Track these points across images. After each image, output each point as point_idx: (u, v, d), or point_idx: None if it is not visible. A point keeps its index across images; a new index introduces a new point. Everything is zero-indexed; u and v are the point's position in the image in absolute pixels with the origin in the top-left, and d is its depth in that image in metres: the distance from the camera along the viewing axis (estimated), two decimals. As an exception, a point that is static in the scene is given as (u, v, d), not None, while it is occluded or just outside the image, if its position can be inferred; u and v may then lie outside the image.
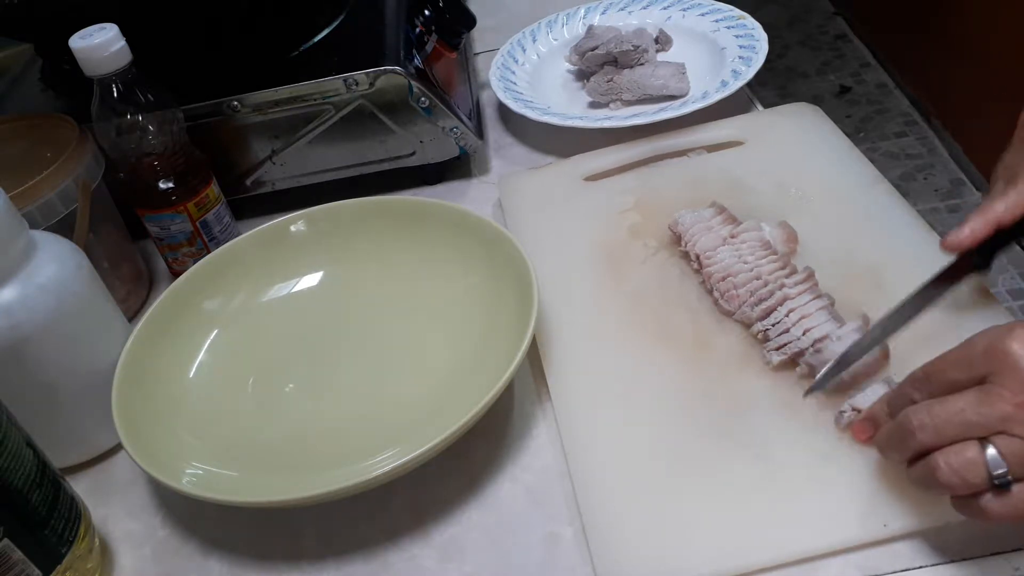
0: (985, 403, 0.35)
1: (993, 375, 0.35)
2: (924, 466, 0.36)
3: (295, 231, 0.59)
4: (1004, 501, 0.34)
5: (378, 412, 0.50)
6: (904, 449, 0.37)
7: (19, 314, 0.44)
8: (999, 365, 0.35)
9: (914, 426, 0.36)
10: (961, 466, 0.35)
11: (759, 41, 0.71)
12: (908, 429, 0.36)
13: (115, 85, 0.54)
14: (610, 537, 0.41)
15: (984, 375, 0.35)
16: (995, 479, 0.34)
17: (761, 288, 0.49)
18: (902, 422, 0.37)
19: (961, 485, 0.35)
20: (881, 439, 0.39)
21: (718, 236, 0.53)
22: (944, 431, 0.35)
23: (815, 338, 0.46)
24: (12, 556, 0.39)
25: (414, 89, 0.62)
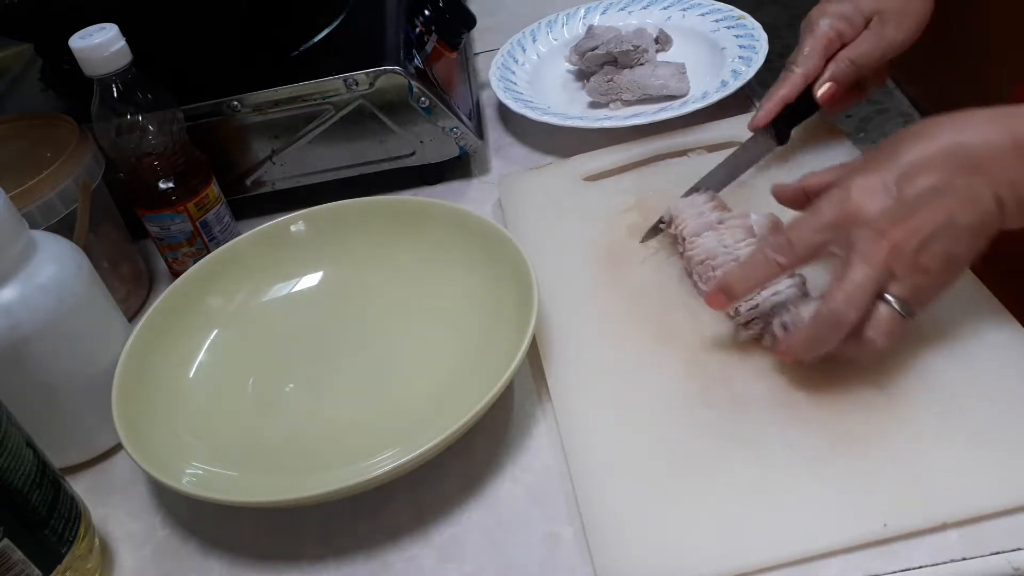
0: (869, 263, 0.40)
1: (851, 232, 0.40)
2: (858, 346, 0.42)
3: (295, 231, 0.59)
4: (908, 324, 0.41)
5: (378, 412, 0.50)
6: (839, 333, 0.41)
7: (19, 314, 0.44)
8: (854, 224, 0.40)
9: (839, 311, 0.40)
10: (886, 327, 0.41)
11: (759, 41, 0.71)
12: (834, 316, 0.41)
13: (115, 85, 0.54)
14: (610, 537, 0.41)
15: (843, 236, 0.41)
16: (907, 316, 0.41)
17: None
18: (823, 315, 0.41)
19: (892, 338, 0.41)
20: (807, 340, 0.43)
21: (706, 222, 0.54)
22: (861, 303, 0.40)
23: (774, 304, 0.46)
24: (12, 556, 0.39)
25: (414, 89, 0.62)
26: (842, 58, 0.53)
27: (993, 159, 0.40)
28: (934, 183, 0.40)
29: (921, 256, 0.40)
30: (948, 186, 0.40)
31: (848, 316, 0.41)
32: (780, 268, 0.43)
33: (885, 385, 0.45)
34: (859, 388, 0.45)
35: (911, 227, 0.40)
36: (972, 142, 0.40)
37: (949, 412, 0.43)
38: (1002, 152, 0.40)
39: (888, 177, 0.41)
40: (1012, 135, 0.40)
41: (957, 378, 0.44)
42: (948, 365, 0.45)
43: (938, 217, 0.40)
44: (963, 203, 0.40)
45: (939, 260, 0.40)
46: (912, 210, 0.40)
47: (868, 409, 0.44)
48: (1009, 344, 0.46)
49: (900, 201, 0.40)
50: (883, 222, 0.40)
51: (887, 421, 0.43)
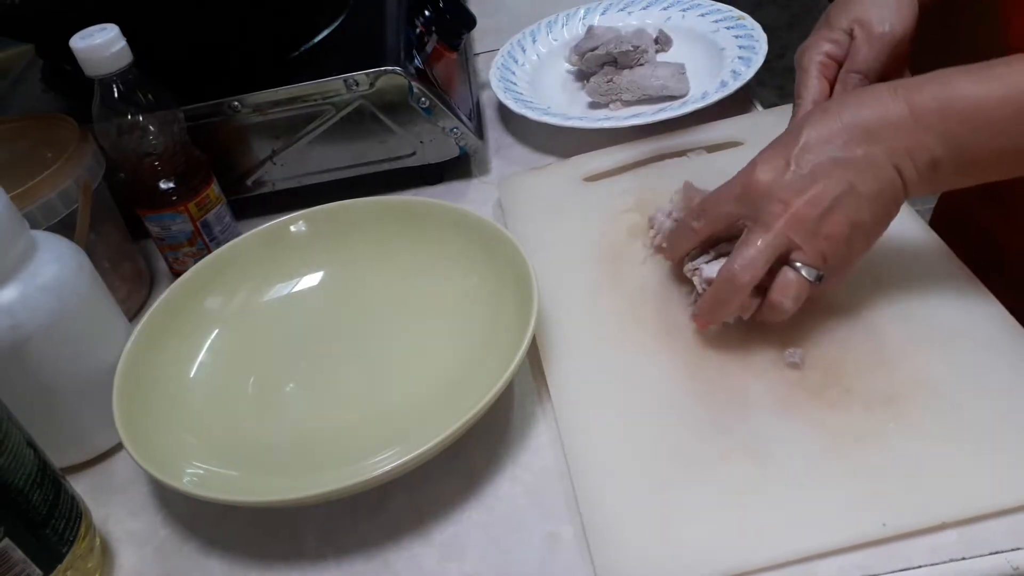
0: (767, 231, 0.43)
1: (757, 205, 0.44)
2: (768, 309, 0.45)
3: (295, 231, 0.59)
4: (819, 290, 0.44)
5: (378, 412, 0.50)
6: (737, 294, 0.45)
7: (20, 314, 0.44)
8: (756, 195, 0.44)
9: (734, 273, 0.44)
10: (791, 291, 0.44)
11: (759, 41, 0.72)
12: (730, 278, 0.44)
13: (116, 85, 0.54)
14: (610, 537, 0.41)
15: (749, 207, 0.44)
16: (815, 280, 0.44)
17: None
18: (721, 277, 0.45)
19: (797, 301, 0.44)
20: (710, 301, 0.46)
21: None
22: (756, 265, 0.44)
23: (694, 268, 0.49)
24: (13, 556, 0.39)
25: (414, 89, 0.62)
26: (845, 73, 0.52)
27: (891, 129, 0.42)
28: (833, 155, 0.43)
29: (824, 224, 0.43)
30: (847, 157, 0.42)
31: (742, 278, 0.44)
32: (695, 233, 0.48)
33: (883, 386, 0.45)
34: (859, 388, 0.45)
35: (811, 196, 0.43)
36: (870, 115, 0.42)
37: (948, 412, 0.43)
38: (899, 121, 0.42)
39: (790, 151, 0.44)
40: (909, 104, 0.42)
41: (956, 378, 0.44)
42: (947, 365, 0.45)
43: (838, 186, 0.42)
44: (862, 171, 0.42)
45: (843, 226, 0.43)
46: (812, 180, 0.43)
47: (867, 409, 0.44)
48: (1008, 343, 0.46)
49: (800, 173, 0.43)
50: (784, 193, 0.43)
51: (886, 421, 0.43)
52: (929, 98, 0.42)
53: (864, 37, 0.52)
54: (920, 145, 0.42)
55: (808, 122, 0.44)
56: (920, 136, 0.42)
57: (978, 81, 0.41)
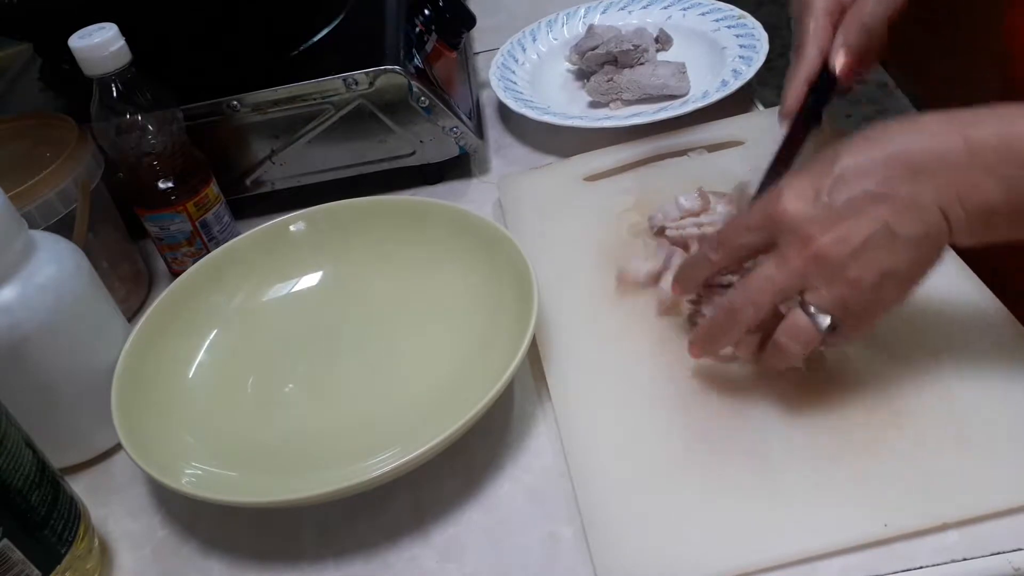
0: (782, 267, 0.39)
1: (777, 235, 0.39)
2: (771, 352, 0.41)
3: (295, 231, 0.59)
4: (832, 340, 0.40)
5: (378, 412, 0.50)
6: (735, 328, 0.41)
7: (18, 314, 0.44)
8: (778, 228, 0.39)
9: (736, 305, 0.40)
10: (799, 336, 0.39)
11: (759, 40, 0.71)
12: (730, 310, 0.40)
13: (114, 85, 0.53)
14: (610, 537, 0.41)
15: (771, 238, 0.39)
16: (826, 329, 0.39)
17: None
18: (723, 308, 0.41)
19: (806, 348, 0.40)
20: (706, 330, 0.42)
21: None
22: (761, 302, 0.39)
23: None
24: (11, 556, 0.39)
25: (414, 89, 0.62)
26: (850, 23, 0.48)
27: (941, 166, 0.37)
28: (870, 189, 0.37)
29: (850, 267, 0.37)
30: (886, 193, 0.37)
31: (745, 312, 0.40)
32: (712, 264, 0.43)
33: (885, 386, 0.45)
34: (860, 389, 0.45)
35: (839, 235, 0.37)
36: (919, 147, 0.37)
37: (949, 412, 0.43)
38: (953, 158, 0.36)
39: (823, 181, 0.38)
40: (966, 140, 0.36)
41: (957, 378, 0.44)
42: (948, 365, 0.45)
43: (872, 225, 0.37)
44: (902, 212, 0.37)
45: (872, 272, 0.37)
46: (842, 217, 0.37)
47: (868, 410, 0.44)
48: (1009, 343, 0.46)
49: (830, 207, 0.38)
50: (810, 226, 0.38)
51: (887, 421, 0.43)
52: (990, 134, 0.36)
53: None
54: (974, 187, 0.36)
55: (846, 149, 0.39)
56: (976, 177, 0.36)
57: None
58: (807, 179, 0.39)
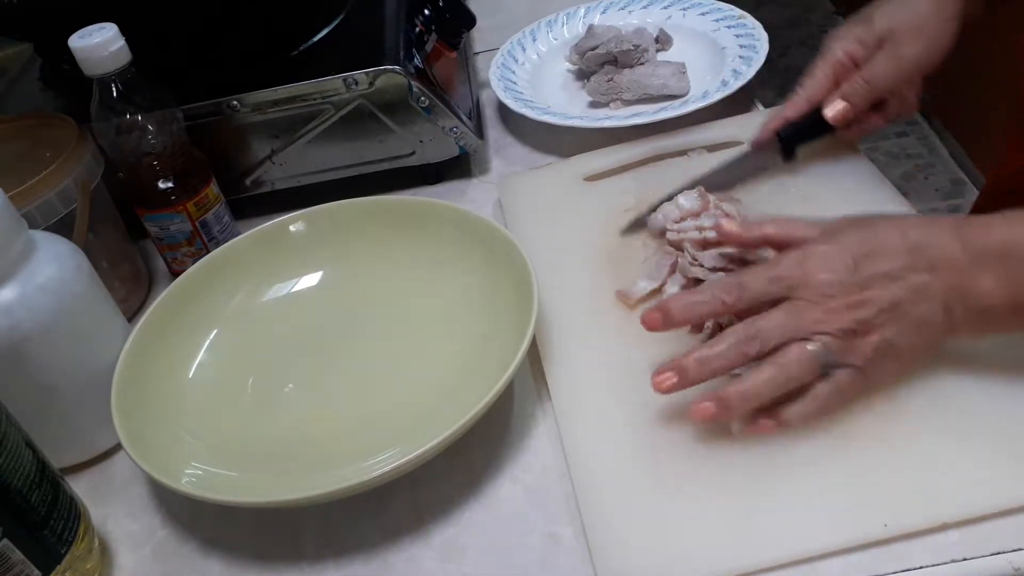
0: (797, 314, 0.41)
1: (796, 289, 0.42)
2: (771, 367, 0.41)
3: (295, 231, 0.59)
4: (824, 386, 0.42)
5: (378, 412, 0.50)
6: (740, 357, 0.42)
7: (19, 314, 0.44)
8: (800, 281, 0.42)
9: (748, 337, 0.42)
10: (799, 361, 0.41)
11: (759, 41, 0.71)
12: (743, 340, 0.42)
13: (114, 85, 0.53)
14: (610, 537, 0.41)
15: (788, 288, 0.42)
16: (823, 368, 0.41)
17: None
18: (735, 337, 0.42)
19: (798, 378, 0.41)
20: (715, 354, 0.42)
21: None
22: (769, 338, 0.41)
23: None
24: (11, 556, 0.39)
25: (414, 89, 0.62)
26: (855, 78, 0.53)
27: (948, 265, 0.40)
28: (890, 270, 0.41)
29: (859, 329, 0.41)
30: (903, 276, 0.41)
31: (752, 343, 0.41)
32: (723, 306, 0.43)
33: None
34: (859, 388, 0.45)
35: (855, 300, 0.41)
36: (934, 244, 0.41)
37: (950, 412, 0.43)
38: (956, 260, 0.40)
39: (851, 253, 0.42)
40: (963, 245, 0.40)
41: (957, 378, 0.44)
42: (948, 365, 0.45)
43: (884, 299, 0.41)
44: (912, 295, 0.41)
45: (876, 338, 0.41)
46: (861, 287, 0.41)
47: (868, 409, 0.44)
48: (1009, 343, 0.45)
49: (853, 278, 0.41)
50: (830, 290, 0.41)
51: (887, 421, 0.43)
52: (993, 240, 0.40)
53: (890, 51, 0.52)
54: (974, 286, 0.40)
55: (876, 225, 0.43)
56: (975, 277, 0.40)
57: None
58: (836, 247, 0.42)
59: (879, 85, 0.52)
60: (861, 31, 0.54)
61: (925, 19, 0.52)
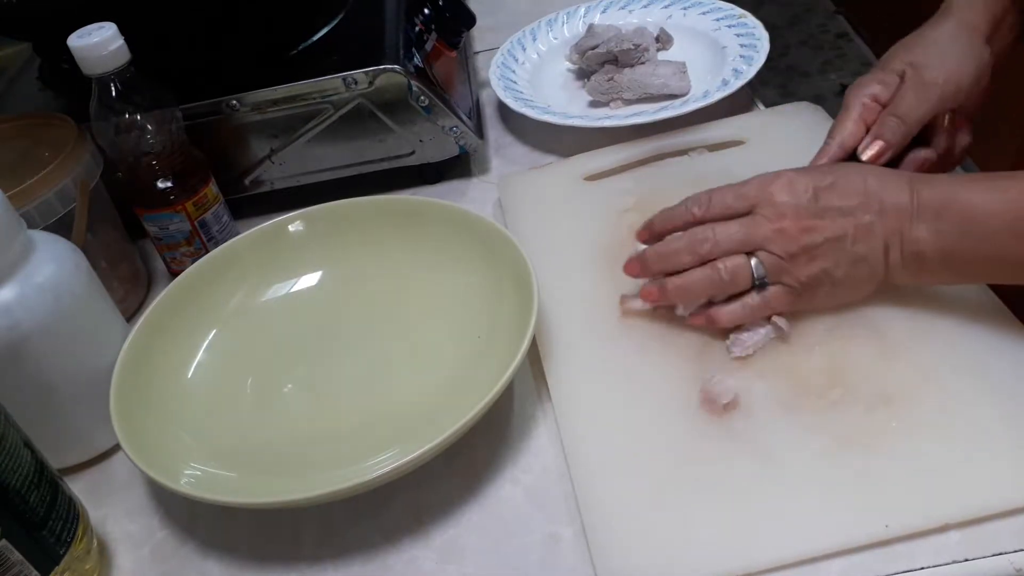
0: (752, 227, 0.46)
1: (758, 207, 0.46)
2: (709, 268, 0.46)
3: (294, 231, 0.59)
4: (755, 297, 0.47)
5: (378, 412, 0.50)
6: (692, 255, 0.47)
7: (17, 314, 0.44)
8: (763, 200, 0.46)
9: (701, 238, 0.47)
10: (735, 268, 0.46)
11: (760, 40, 0.71)
12: (697, 240, 0.47)
13: (113, 84, 0.53)
14: (610, 537, 0.41)
15: (752, 207, 0.47)
16: (756, 280, 0.46)
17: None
18: (691, 235, 0.47)
19: (731, 283, 0.47)
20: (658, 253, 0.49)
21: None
22: (721, 244, 0.46)
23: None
24: (10, 557, 0.39)
25: (413, 88, 0.62)
26: (884, 115, 0.52)
27: (894, 211, 0.45)
28: (845, 206, 0.45)
29: (803, 254, 0.45)
30: (853, 213, 0.45)
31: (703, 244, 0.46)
32: (693, 217, 0.48)
33: (886, 386, 0.45)
34: (860, 389, 0.45)
35: (808, 225, 0.45)
36: (887, 191, 0.45)
37: (950, 413, 0.43)
38: (904, 208, 0.44)
39: (815, 183, 0.46)
40: (911, 195, 0.44)
41: (958, 378, 0.44)
42: (949, 365, 0.45)
43: (832, 230, 0.45)
44: (857, 232, 0.45)
45: (816, 265, 0.45)
46: (815, 215, 0.45)
47: (869, 410, 0.44)
48: (1010, 344, 0.45)
49: (812, 205, 0.45)
50: (789, 210, 0.46)
51: (888, 422, 0.43)
52: (935, 195, 0.44)
53: (913, 82, 0.51)
54: (911, 235, 0.44)
55: (844, 167, 0.48)
56: (914, 225, 0.44)
57: (984, 189, 0.43)
58: (803, 177, 0.47)
59: (909, 116, 0.51)
60: (881, 75, 0.53)
61: (945, 48, 0.52)
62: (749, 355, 0.48)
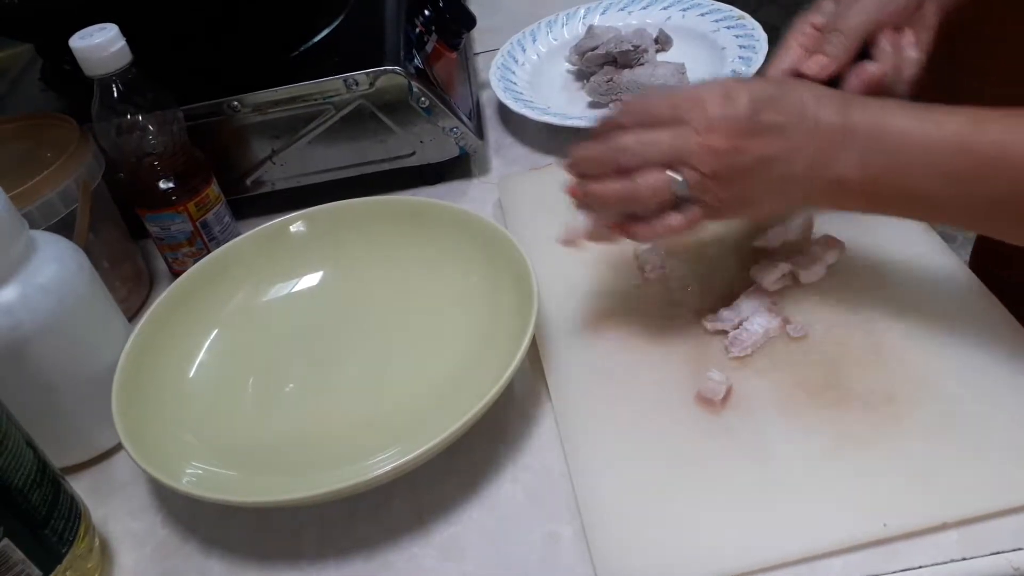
0: (679, 138, 0.42)
1: (688, 118, 0.42)
2: (627, 181, 0.43)
3: (295, 231, 0.59)
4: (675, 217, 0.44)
5: (378, 412, 0.50)
6: (607, 165, 0.44)
7: (20, 314, 0.44)
8: (693, 110, 0.42)
9: (624, 145, 0.43)
10: (654, 183, 0.43)
11: (759, 41, 0.71)
12: (616, 148, 0.44)
13: (115, 85, 0.54)
14: (610, 537, 0.41)
15: (683, 116, 0.42)
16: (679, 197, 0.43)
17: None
18: (614, 143, 0.44)
19: (651, 196, 0.43)
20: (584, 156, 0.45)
21: None
22: (645, 154, 0.43)
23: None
24: (12, 556, 0.39)
25: (414, 89, 0.62)
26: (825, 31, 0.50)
27: (824, 132, 0.42)
28: (782, 121, 0.42)
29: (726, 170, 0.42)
30: (788, 132, 0.42)
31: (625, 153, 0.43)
32: (623, 116, 0.45)
33: (885, 385, 0.45)
34: (860, 388, 0.45)
35: (736, 144, 0.42)
36: (822, 111, 0.42)
37: (949, 412, 0.43)
38: (833, 129, 0.42)
39: (755, 95, 0.42)
40: (844, 118, 0.42)
41: (957, 377, 0.44)
42: (947, 364, 0.45)
43: (763, 150, 0.42)
44: (787, 153, 0.42)
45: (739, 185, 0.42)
46: (748, 132, 0.42)
47: (868, 409, 0.44)
48: (1008, 344, 0.46)
49: (745, 118, 0.42)
50: (719, 124, 0.42)
51: (887, 421, 0.43)
52: (867, 118, 0.42)
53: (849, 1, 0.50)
54: (836, 159, 0.42)
55: (785, 83, 0.44)
56: (840, 151, 0.42)
57: (917, 119, 0.41)
58: (746, 89, 0.43)
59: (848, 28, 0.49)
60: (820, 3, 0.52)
61: None
62: (748, 355, 0.48)
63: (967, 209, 0.42)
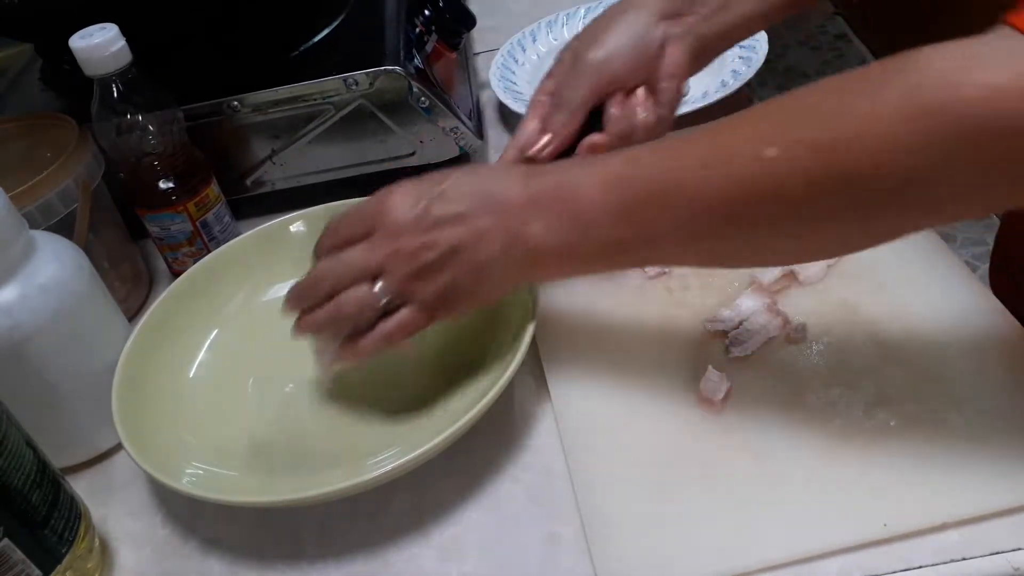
0: (371, 250, 0.43)
1: (376, 228, 0.43)
2: (333, 305, 0.44)
3: (295, 231, 0.59)
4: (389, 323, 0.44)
5: (378, 412, 0.50)
6: (314, 295, 0.45)
7: (19, 314, 0.44)
8: (379, 220, 0.43)
9: (321, 273, 0.45)
10: (359, 299, 0.43)
11: (759, 41, 0.71)
12: (317, 277, 0.45)
13: (115, 85, 0.54)
14: (610, 537, 0.41)
15: (371, 228, 0.43)
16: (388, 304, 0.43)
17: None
18: (313, 275, 0.45)
19: (359, 312, 0.43)
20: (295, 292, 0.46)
21: None
22: (343, 277, 0.44)
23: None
24: (12, 556, 0.39)
25: (414, 89, 0.62)
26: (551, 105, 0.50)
27: (508, 209, 0.42)
28: (457, 212, 0.42)
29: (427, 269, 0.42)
30: (466, 220, 0.42)
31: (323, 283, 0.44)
32: (323, 250, 0.46)
33: (885, 385, 0.45)
34: (859, 388, 0.45)
35: (423, 241, 0.42)
36: (500, 190, 0.42)
37: (949, 412, 0.43)
38: (516, 204, 0.41)
39: (426, 193, 0.43)
40: (524, 189, 0.42)
41: (957, 377, 0.44)
42: (948, 364, 0.45)
43: (447, 241, 0.42)
44: (473, 239, 0.42)
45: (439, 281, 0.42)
46: (428, 228, 0.42)
47: (868, 409, 0.44)
48: (1008, 344, 0.46)
49: (426, 216, 0.42)
50: (402, 227, 0.42)
51: (887, 421, 0.43)
52: (545, 185, 0.41)
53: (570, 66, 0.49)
54: (525, 229, 0.41)
55: (453, 173, 0.44)
56: (528, 220, 0.41)
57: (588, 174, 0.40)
58: (416, 188, 0.44)
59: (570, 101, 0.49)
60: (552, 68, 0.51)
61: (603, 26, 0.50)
62: (748, 355, 0.48)
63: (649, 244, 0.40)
